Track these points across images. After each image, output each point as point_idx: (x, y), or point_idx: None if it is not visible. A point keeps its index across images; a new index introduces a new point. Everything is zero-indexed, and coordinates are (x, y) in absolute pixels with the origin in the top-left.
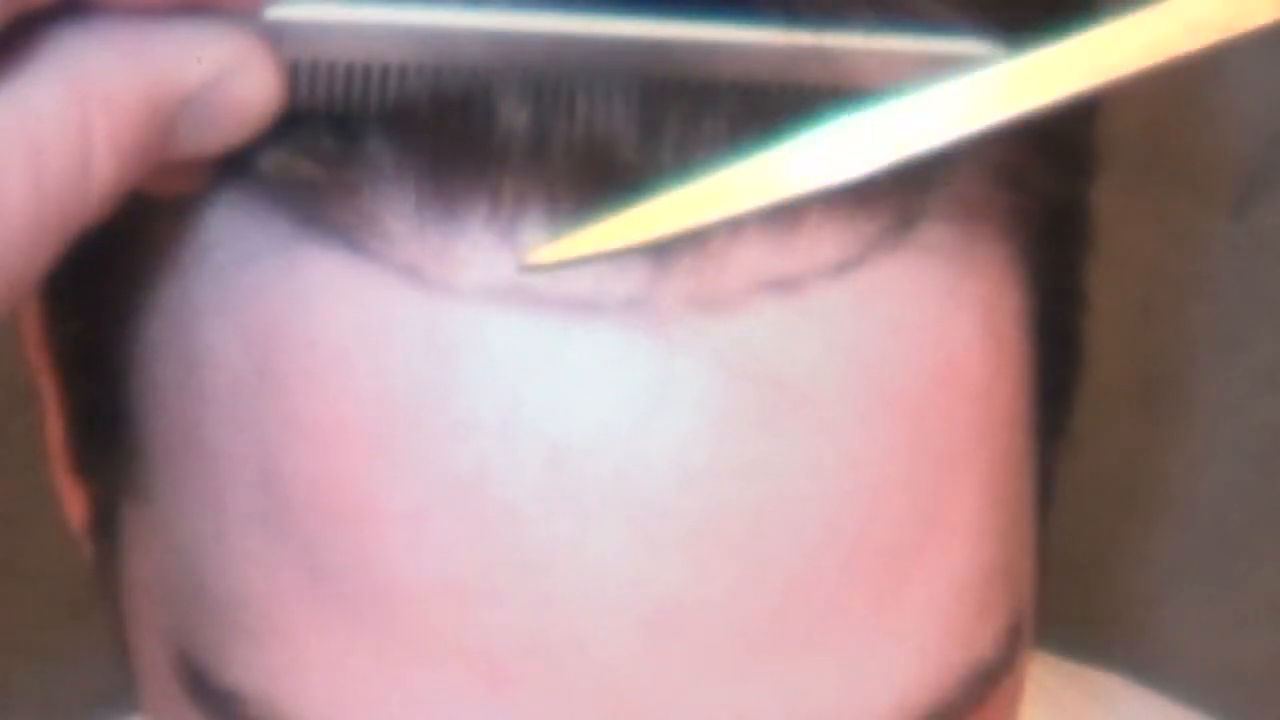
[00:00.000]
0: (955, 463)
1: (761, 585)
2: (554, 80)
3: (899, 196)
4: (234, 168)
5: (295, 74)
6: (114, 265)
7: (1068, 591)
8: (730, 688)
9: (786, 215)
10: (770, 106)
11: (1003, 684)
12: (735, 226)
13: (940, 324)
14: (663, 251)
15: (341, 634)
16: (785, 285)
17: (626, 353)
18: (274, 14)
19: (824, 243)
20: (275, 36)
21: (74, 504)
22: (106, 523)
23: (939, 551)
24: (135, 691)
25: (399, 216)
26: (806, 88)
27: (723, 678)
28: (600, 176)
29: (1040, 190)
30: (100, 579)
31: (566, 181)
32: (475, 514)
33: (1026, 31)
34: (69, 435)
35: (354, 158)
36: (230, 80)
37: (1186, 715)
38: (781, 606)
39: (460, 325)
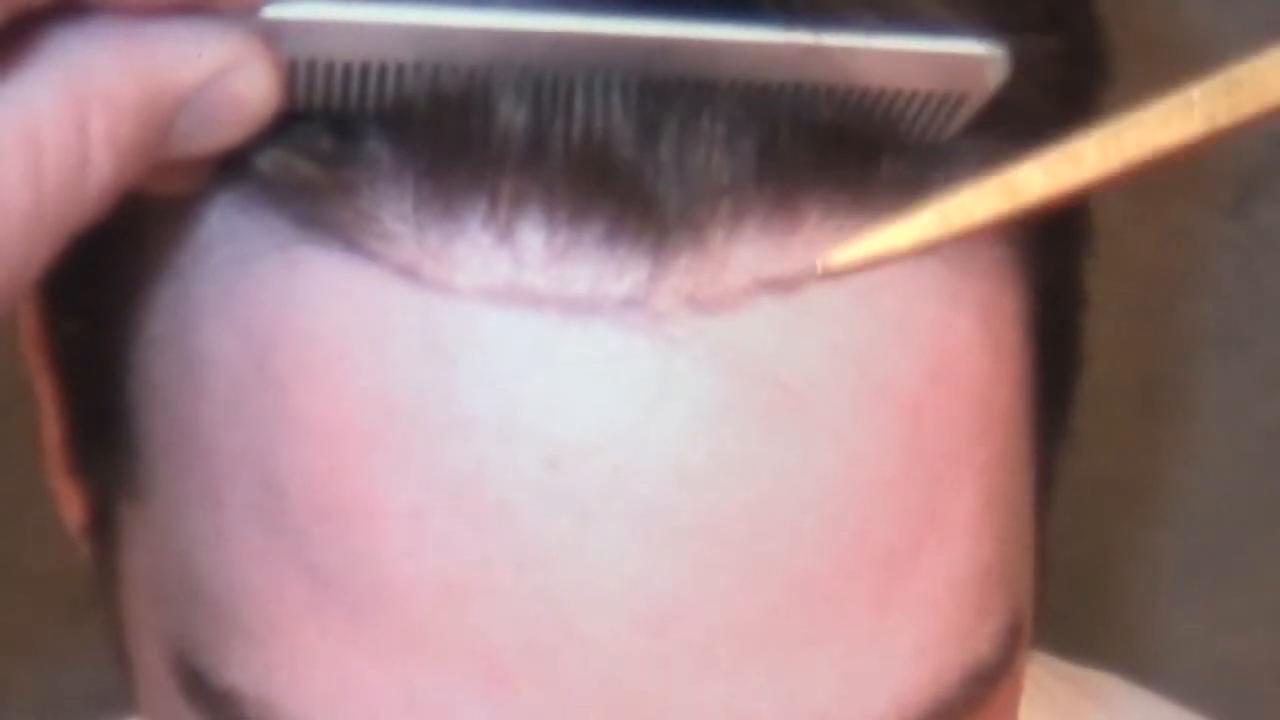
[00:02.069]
0: (954, 463)
1: (759, 583)
2: (552, 80)
3: (898, 197)
4: (232, 167)
5: (293, 73)
6: (112, 265)
7: (1066, 592)
8: (728, 686)
9: (785, 215)
10: (769, 106)
11: (1001, 684)
12: (734, 226)
13: (939, 324)
14: (661, 250)
15: (339, 633)
16: (784, 285)
17: (625, 352)
18: (272, 13)
19: (823, 243)
20: (273, 35)
21: (71, 505)
22: (104, 523)
23: (937, 551)
24: (133, 692)
25: (397, 216)
26: (805, 87)
27: (721, 676)
28: (598, 176)
29: None
30: (98, 579)
31: (565, 181)
32: (473, 512)
33: (1025, 32)
34: (66, 435)
35: (352, 157)
36: (228, 79)
37: (1184, 716)
38: (779, 605)
39: (458, 325)
